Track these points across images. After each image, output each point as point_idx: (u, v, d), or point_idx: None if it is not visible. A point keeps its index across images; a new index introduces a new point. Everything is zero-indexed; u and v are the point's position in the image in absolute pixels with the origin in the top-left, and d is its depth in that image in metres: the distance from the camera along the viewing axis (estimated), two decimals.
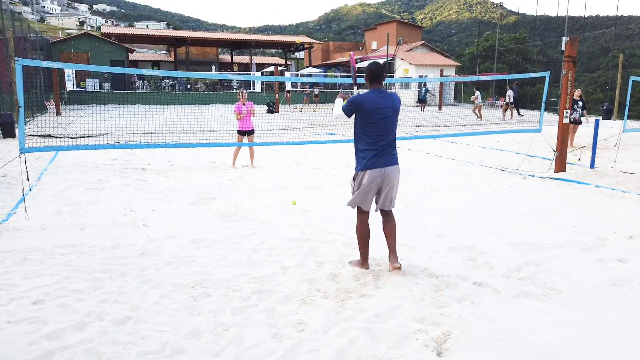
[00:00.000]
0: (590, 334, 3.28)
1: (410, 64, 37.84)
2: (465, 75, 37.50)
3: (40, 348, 2.99)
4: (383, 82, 4.18)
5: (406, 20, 72.18)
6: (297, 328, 3.33)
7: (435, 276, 4.14)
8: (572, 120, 11.71)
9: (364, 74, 4.20)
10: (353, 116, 4.17)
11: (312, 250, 4.82)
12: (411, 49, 41.78)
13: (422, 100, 29.20)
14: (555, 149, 9.25)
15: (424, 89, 29.61)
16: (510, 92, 22.98)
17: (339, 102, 4.32)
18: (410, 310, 3.52)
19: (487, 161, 10.66)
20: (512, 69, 38.68)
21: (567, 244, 5.10)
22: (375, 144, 4.04)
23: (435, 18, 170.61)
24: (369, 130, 4.03)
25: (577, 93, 12.34)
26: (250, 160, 9.80)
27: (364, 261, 4.28)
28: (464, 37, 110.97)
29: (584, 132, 15.23)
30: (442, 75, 35.38)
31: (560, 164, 9.14)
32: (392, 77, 36.05)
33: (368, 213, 4.25)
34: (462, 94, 40.15)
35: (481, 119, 21.27)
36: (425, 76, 35.70)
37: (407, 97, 33.51)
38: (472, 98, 23.18)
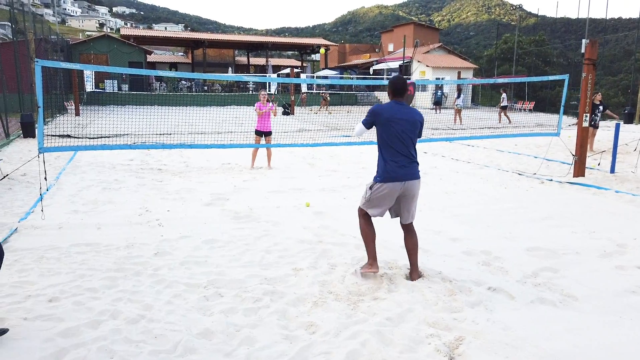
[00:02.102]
0: (607, 342, 3.21)
1: (427, 66, 37.66)
2: (483, 78, 37.18)
3: (55, 345, 3.04)
4: (406, 96, 4.19)
5: (423, 22, 71.89)
6: (308, 330, 3.33)
7: (449, 280, 4.10)
8: (592, 124, 11.54)
9: (387, 88, 4.21)
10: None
11: (325, 253, 4.82)
12: (428, 51, 41.57)
13: (437, 103, 29.04)
14: (574, 153, 9.11)
15: (439, 91, 29.42)
16: (504, 95, 22.57)
17: (360, 122, 4.27)
18: (422, 315, 3.49)
19: (504, 165, 10.55)
20: (531, 71, 38.23)
21: (585, 250, 5.02)
22: (396, 155, 3.98)
23: (453, 20, 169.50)
24: (389, 141, 3.99)
25: (598, 97, 12.16)
26: (268, 161, 9.84)
27: (372, 261, 4.15)
28: (482, 39, 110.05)
29: (604, 137, 14.98)
30: (459, 77, 35.13)
31: (579, 169, 9.00)
32: (409, 79, 35.91)
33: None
34: (479, 97, 39.80)
35: (460, 123, 20.83)
36: (443, 78, 35.51)
37: (424, 99, 33.34)
38: (453, 101, 22.51)
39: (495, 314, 3.56)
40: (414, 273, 4.15)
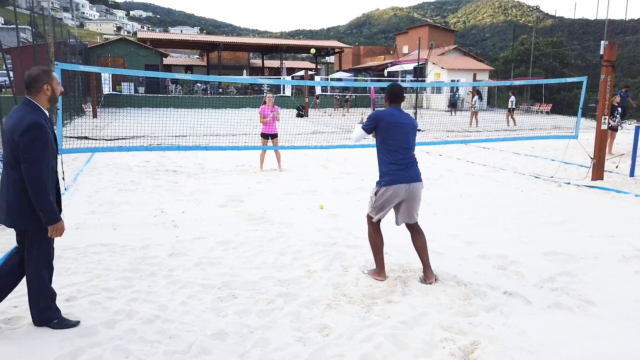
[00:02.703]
0: (626, 349, 3.15)
1: (443, 68, 37.45)
2: (499, 80, 36.84)
3: (72, 344, 3.08)
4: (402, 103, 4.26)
5: (438, 24, 71.52)
6: (322, 332, 3.33)
7: (464, 284, 4.07)
8: (610, 126, 11.37)
9: (384, 95, 4.25)
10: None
11: (339, 255, 4.82)
12: (443, 53, 41.33)
13: (453, 105, 28.90)
14: (592, 156, 8.98)
15: (456, 93, 29.27)
16: (512, 98, 22.29)
17: (359, 127, 4.29)
18: (437, 318, 3.47)
19: (520, 168, 10.43)
20: (549, 73, 37.76)
21: (604, 255, 4.93)
22: (399, 158, 4.03)
23: (469, 22, 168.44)
24: (392, 145, 4.03)
25: (617, 99, 11.98)
26: (278, 163, 9.87)
27: (380, 270, 4.20)
28: (498, 41, 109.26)
29: (623, 139, 14.73)
30: (474, 79, 34.85)
31: (598, 172, 8.86)
32: (424, 81, 35.75)
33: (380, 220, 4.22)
34: (495, 99, 39.45)
35: (476, 125, 20.56)
36: (458, 80, 35.26)
37: (438, 101, 33.16)
38: (471, 103, 22.21)
39: (511, 319, 3.52)
40: (428, 271, 4.13)
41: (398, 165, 4.02)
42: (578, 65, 42.66)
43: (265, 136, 9.74)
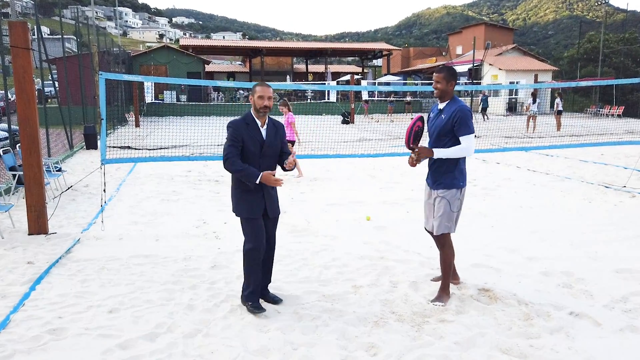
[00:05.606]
0: None
1: (500, 69, 36.61)
2: (564, 81, 35.61)
3: (114, 357, 3.22)
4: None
5: (495, 23, 70.16)
6: (369, 352, 3.32)
7: (525, 303, 3.96)
8: None
9: (449, 81, 3.97)
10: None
11: (387, 270, 4.79)
12: (501, 53, 40.44)
13: (484, 109, 28.13)
14: None
15: (482, 96, 28.65)
16: (558, 100, 21.32)
17: (448, 151, 3.92)
18: (494, 340, 3.39)
19: (588, 177, 10.02)
20: (620, 73, 36.17)
21: None
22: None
23: (529, 19, 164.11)
24: None
25: None
26: (298, 170, 10.01)
27: (449, 294, 4.11)
28: (562, 39, 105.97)
29: None
30: (536, 81, 33.86)
31: None
32: (480, 83, 35.05)
33: None
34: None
35: (532, 131, 19.75)
36: (517, 82, 34.37)
37: (496, 105, 32.40)
38: (526, 106, 21.47)
39: (578, 342, 3.39)
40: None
41: (465, 163, 4.10)
42: None
43: None
